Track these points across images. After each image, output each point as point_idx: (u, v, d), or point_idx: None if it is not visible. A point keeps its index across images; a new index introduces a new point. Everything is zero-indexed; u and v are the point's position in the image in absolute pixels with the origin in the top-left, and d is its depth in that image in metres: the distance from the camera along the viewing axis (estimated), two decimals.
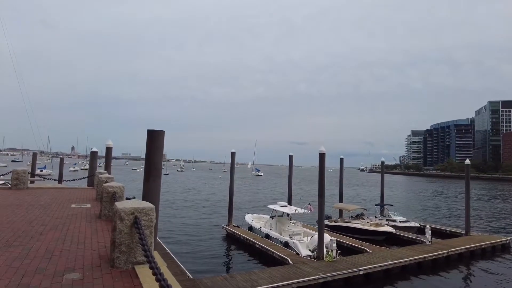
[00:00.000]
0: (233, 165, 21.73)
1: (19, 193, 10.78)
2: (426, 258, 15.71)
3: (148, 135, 8.09)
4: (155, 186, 7.91)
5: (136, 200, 4.06)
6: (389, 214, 24.75)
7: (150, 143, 8.07)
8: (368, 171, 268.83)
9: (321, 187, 15.14)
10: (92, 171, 20.88)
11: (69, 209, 7.94)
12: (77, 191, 11.98)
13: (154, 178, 7.92)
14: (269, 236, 18.75)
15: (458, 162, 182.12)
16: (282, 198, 41.15)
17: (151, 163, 7.95)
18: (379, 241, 20.04)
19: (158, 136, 8.23)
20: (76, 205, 8.64)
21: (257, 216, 22.84)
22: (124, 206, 3.79)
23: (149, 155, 7.99)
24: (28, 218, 6.50)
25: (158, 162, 8.17)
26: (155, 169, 8.00)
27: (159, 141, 8.20)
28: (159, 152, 8.17)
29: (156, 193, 7.97)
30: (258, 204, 35.44)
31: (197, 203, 34.27)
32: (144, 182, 7.81)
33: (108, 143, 14.94)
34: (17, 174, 11.94)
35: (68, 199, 9.80)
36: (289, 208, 19.45)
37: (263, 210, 30.90)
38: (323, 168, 15.39)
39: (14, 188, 11.81)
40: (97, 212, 7.52)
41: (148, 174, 7.88)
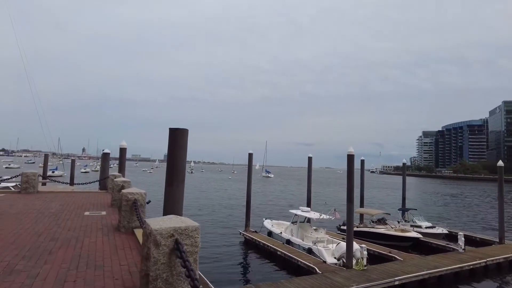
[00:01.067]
0: (250, 167, 20.72)
1: (29, 197, 9.94)
2: (463, 267, 14.47)
3: (171, 134, 7.11)
4: (179, 192, 6.93)
5: (173, 218, 3.07)
6: (414, 219, 23.43)
7: (173, 143, 7.08)
8: (379, 173, 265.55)
9: (349, 191, 14.04)
10: (105, 173, 20.11)
11: (82, 217, 7.02)
12: (90, 196, 11.11)
13: (178, 182, 6.95)
14: (290, 242, 17.69)
15: (471, 164, 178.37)
16: (297, 201, 40.24)
17: (174, 166, 6.96)
18: (405, 248, 18.84)
19: (182, 135, 7.24)
20: (90, 212, 7.72)
21: (276, 222, 21.80)
22: (160, 226, 2.79)
23: (171, 156, 7.00)
24: (36, 229, 5.58)
25: (182, 164, 7.18)
26: (179, 172, 7.01)
27: (182, 141, 7.22)
28: (182, 153, 7.18)
29: (179, 199, 6.99)
30: (273, 208, 34.36)
31: (210, 206, 33.31)
32: (166, 187, 6.83)
33: (122, 144, 14.08)
34: (26, 177, 11.13)
35: (81, 205, 8.91)
36: (312, 213, 18.36)
37: (279, 214, 29.87)
38: (351, 170, 14.28)
39: (23, 192, 11.00)
40: (114, 222, 6.58)
41: (170, 178, 6.89)
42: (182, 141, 7.24)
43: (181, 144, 7.19)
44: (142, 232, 3.06)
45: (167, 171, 6.94)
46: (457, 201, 51.41)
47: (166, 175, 6.96)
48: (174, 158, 6.99)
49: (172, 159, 6.99)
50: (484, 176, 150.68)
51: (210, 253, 17.38)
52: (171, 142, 7.12)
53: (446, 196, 61.03)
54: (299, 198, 44.38)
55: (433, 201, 49.32)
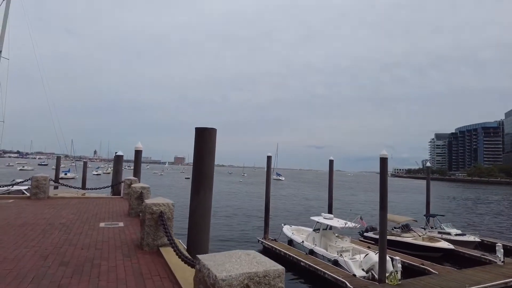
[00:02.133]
0: (269, 170, 19.67)
1: (39, 204, 9.08)
2: (508, 283, 13.14)
3: (198, 135, 6.09)
4: (207, 202, 5.92)
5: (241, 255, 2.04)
6: (442, 225, 22.00)
7: (200, 145, 6.06)
8: (390, 176, 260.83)
9: (383, 197, 12.86)
10: (118, 177, 19.27)
11: (98, 230, 6.07)
12: (104, 202, 10.20)
13: (206, 190, 5.95)
14: (314, 252, 16.54)
15: (486, 167, 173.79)
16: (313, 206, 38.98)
17: (202, 171, 5.94)
18: (436, 258, 17.51)
19: (209, 136, 6.22)
20: (106, 223, 6.78)
21: (295, 228, 20.63)
22: (227, 272, 1.76)
23: (198, 160, 5.98)
24: (43, 248, 4.64)
25: (210, 169, 6.14)
26: (207, 178, 5.99)
27: (210, 142, 6.19)
28: (210, 156, 6.16)
29: (207, 210, 5.99)
30: (289, 213, 33.17)
31: (223, 211, 32.25)
32: (193, 195, 5.83)
33: (138, 146, 13.20)
34: (36, 182, 10.28)
35: (95, 213, 7.98)
36: (336, 221, 17.17)
37: (296, 219, 28.71)
38: (385, 175, 13.11)
39: (33, 198, 10.15)
40: (134, 237, 5.61)
41: (197, 185, 5.88)
42: (210, 142, 6.22)
43: (209, 146, 6.17)
44: (194, 277, 2.05)
45: (193, 177, 5.93)
46: (480, 206, 49.32)
47: (192, 181, 5.95)
48: (201, 162, 5.97)
49: (199, 163, 5.97)
50: (501, 179, 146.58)
51: None
52: (198, 143, 6.11)
53: (466, 200, 58.87)
54: (315, 203, 43.15)
55: (454, 206, 47.39)
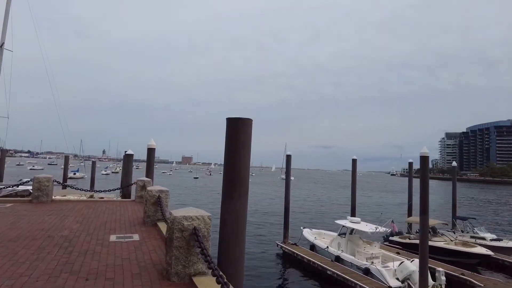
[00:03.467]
0: (288, 171, 18.34)
1: (40, 209, 7.88)
2: None
3: (230, 127, 4.66)
4: (241, 208, 4.58)
5: None
6: (474, 229, 20.40)
7: (233, 139, 4.62)
8: (399, 176, 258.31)
9: (424, 200, 11.42)
10: (127, 177, 18.11)
11: (108, 247, 4.81)
12: (114, 207, 8.97)
13: (240, 194, 4.61)
14: (340, 259, 15.16)
15: (500, 167, 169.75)
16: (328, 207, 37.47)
17: (236, 170, 4.53)
18: (472, 266, 16.01)
19: (244, 128, 4.81)
20: (117, 236, 5.52)
21: (316, 231, 19.23)
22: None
23: (231, 157, 4.55)
24: (33, 277, 3.38)
25: (245, 168, 4.80)
26: (242, 180, 4.61)
27: (246, 135, 4.75)
28: (245, 152, 4.73)
29: (242, 218, 4.67)
30: (305, 215, 31.73)
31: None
32: (225, 200, 4.45)
33: (151, 144, 11.96)
34: (38, 183, 9.10)
35: (104, 221, 6.74)
36: (364, 225, 15.75)
37: (313, 221, 27.33)
38: (426, 176, 11.67)
39: (35, 201, 8.98)
40: (155, 258, 4.34)
41: (230, 188, 4.50)
42: (246, 135, 4.84)
43: (244, 140, 4.79)
44: None
45: (225, 178, 4.60)
46: (504, 208, 47.18)
47: (224, 183, 4.61)
48: (234, 159, 4.61)
49: (232, 161, 4.61)
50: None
51: (247, 270, 15.07)
52: (230, 137, 4.74)
53: (487, 202, 56.63)
54: (330, 204, 41.67)
55: (476, 208, 45.37)
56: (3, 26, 17.22)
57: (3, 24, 17.25)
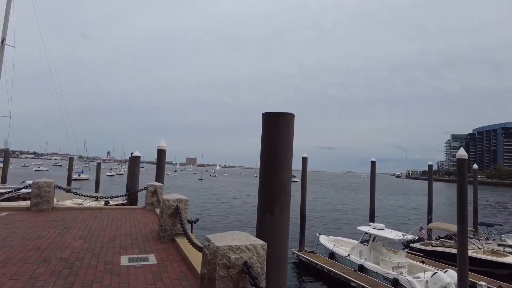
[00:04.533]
0: (305, 174, 17.27)
1: (38, 220, 6.89)
2: None
3: (268, 123, 3.35)
4: (283, 225, 3.43)
5: None
6: (502, 237, 19.16)
7: (273, 139, 3.28)
8: (405, 177, 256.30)
9: (462, 208, 10.30)
10: (134, 180, 17.16)
11: (119, 275, 3.78)
12: (122, 216, 7.96)
13: (282, 207, 3.45)
14: (364, 269, 14.05)
15: (507, 169, 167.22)
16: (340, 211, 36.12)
17: (276, 179, 3.30)
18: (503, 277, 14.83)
19: (287, 125, 3.51)
20: (130, 258, 4.50)
21: (334, 238, 18.08)
22: None
23: (270, 160, 3.15)
24: None
25: (287, 173, 3.61)
26: (283, 187, 3.41)
27: (288, 134, 3.55)
28: (288, 155, 3.55)
29: (285, 236, 3.55)
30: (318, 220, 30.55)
31: (247, 217, 29.59)
32: (262, 216, 3.26)
33: (161, 145, 10.97)
34: (38, 189, 8.10)
35: (112, 236, 5.72)
36: (389, 231, 14.64)
37: (327, 227, 26.21)
38: (464, 179, 10.55)
39: (34, 210, 7.99)
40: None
41: (269, 200, 3.23)
42: (288, 135, 3.73)
43: (286, 141, 3.70)
44: None
45: (262, 187, 3.50)
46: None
47: (261, 194, 3.49)
48: (275, 165, 3.45)
49: (272, 167, 3.45)
50: None
51: None
52: (269, 137, 3.58)
53: (502, 206, 55.04)
54: (341, 207, 40.43)
55: (491, 212, 43.88)
56: (4, 20, 16.48)
57: (4, 19, 16.50)
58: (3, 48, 16.44)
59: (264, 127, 3.84)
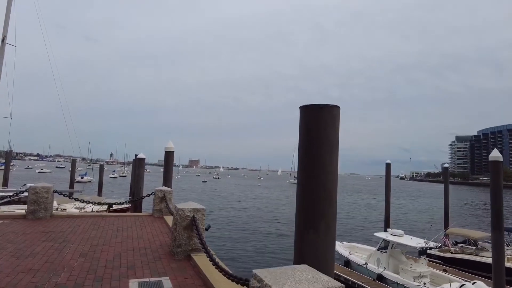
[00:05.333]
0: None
1: (34, 231, 6.11)
2: None
3: (308, 119, 2.35)
4: (330, 244, 2.56)
5: None
6: None
7: (317, 137, 2.40)
8: (409, 179, 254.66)
9: (497, 214, 9.45)
10: (139, 183, 16.41)
11: None
12: (128, 226, 7.17)
13: (329, 219, 2.58)
14: (383, 278, 13.19)
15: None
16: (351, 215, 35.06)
17: (320, 186, 2.48)
18: None
19: (332, 121, 2.73)
20: (140, 282, 3.70)
21: (348, 245, 17.19)
22: None
23: (312, 164, 2.43)
24: None
25: (334, 183, 2.79)
26: (329, 199, 2.41)
27: (334, 131, 2.67)
28: (334, 157, 2.73)
29: (331, 259, 2.72)
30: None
31: (253, 221, 28.64)
32: (304, 232, 2.32)
33: (169, 146, 10.18)
34: (35, 195, 7.33)
35: (118, 252, 4.93)
36: (410, 238, 13.77)
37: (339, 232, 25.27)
38: (498, 184, 9.70)
39: (30, 217, 7.22)
40: None
41: (312, 213, 2.39)
42: (333, 131, 2.90)
43: (331, 137, 2.86)
44: None
45: (301, 197, 2.67)
46: None
47: (301, 205, 2.64)
48: (319, 169, 2.63)
49: (315, 172, 2.61)
50: None
51: None
52: (309, 133, 2.74)
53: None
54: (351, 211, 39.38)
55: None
56: (5, 18, 15.89)
57: (5, 17, 15.91)
58: (4, 47, 15.91)
59: (304, 123, 3.02)
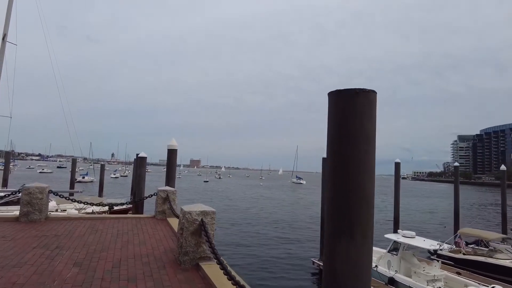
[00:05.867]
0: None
1: (26, 236, 5.58)
2: None
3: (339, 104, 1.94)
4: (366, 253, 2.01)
5: None
6: None
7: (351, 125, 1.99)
8: (411, 179, 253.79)
9: None
10: (140, 183, 15.88)
11: None
12: (128, 229, 6.63)
13: (365, 229, 2.01)
14: (395, 281, 12.63)
15: None
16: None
17: (355, 186, 2.06)
18: None
19: (369, 108, 2.23)
20: None
21: None
22: None
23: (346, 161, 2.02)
24: None
25: (371, 182, 2.29)
26: (365, 202, 2.01)
27: (370, 120, 2.17)
28: (371, 150, 2.22)
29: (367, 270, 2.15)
30: None
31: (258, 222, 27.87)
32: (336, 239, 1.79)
33: (172, 144, 9.65)
34: (29, 195, 6.81)
35: (117, 260, 4.38)
36: (421, 240, 13.21)
37: None
38: None
39: (23, 220, 6.70)
40: None
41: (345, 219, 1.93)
42: (370, 122, 2.26)
43: (368, 129, 2.24)
44: None
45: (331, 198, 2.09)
46: None
47: (331, 210, 2.06)
48: (353, 164, 2.06)
49: (348, 168, 2.07)
50: None
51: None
52: (341, 124, 2.05)
53: None
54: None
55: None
56: (6, 16, 15.52)
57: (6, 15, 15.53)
58: (4, 45, 15.55)
59: (334, 112, 2.41)
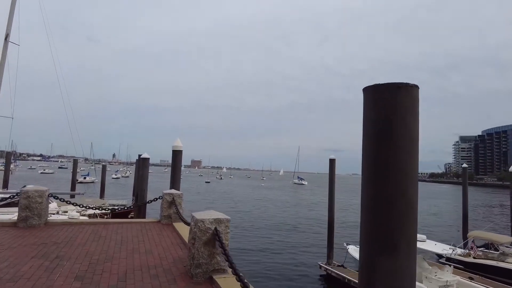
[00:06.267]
0: (332, 178, 15.44)
1: (23, 243, 5.21)
2: None
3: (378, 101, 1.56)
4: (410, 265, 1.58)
5: None
6: None
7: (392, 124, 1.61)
8: None
9: None
10: (142, 184, 15.52)
11: None
12: (133, 236, 6.24)
13: (409, 240, 1.63)
14: None
15: None
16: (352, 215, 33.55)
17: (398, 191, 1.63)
18: None
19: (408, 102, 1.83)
20: None
21: None
22: None
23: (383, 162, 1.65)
24: None
25: (414, 186, 1.88)
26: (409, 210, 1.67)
27: (413, 116, 1.76)
28: (414, 151, 1.84)
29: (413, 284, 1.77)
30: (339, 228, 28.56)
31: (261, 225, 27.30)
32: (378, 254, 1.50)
33: (177, 144, 9.26)
34: (27, 199, 6.43)
35: (122, 273, 4.00)
36: (432, 244, 12.83)
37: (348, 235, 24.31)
38: None
39: (22, 226, 6.33)
40: None
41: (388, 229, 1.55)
42: (413, 119, 1.86)
43: (411, 128, 1.85)
44: None
45: (369, 208, 1.69)
46: None
47: (367, 218, 1.69)
48: (394, 168, 1.68)
49: (389, 172, 1.70)
50: None
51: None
52: (381, 122, 1.67)
53: None
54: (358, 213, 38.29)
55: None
56: (8, 16, 15.25)
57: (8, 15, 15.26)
58: (7, 45, 15.31)
59: (372, 109, 2.00)
